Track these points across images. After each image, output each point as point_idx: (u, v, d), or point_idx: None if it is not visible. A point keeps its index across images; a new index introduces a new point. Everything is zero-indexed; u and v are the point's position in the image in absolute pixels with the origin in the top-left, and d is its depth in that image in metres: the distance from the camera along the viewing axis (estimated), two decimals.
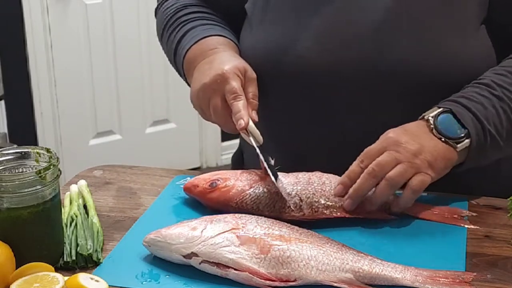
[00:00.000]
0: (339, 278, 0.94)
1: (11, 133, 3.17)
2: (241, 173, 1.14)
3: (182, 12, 1.33)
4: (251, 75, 1.18)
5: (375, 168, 1.07)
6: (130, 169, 1.31)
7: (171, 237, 0.99)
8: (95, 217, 1.09)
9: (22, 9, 3.05)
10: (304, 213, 1.08)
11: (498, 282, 0.96)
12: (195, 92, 1.19)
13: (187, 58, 1.26)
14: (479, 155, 1.13)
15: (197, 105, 1.20)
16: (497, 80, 1.15)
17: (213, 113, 1.17)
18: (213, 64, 1.19)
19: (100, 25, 3.24)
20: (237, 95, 1.14)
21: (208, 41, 1.25)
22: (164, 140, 3.54)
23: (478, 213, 1.14)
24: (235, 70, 1.16)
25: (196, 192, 1.14)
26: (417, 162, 1.07)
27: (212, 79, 1.16)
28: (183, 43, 1.28)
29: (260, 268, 0.94)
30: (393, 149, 1.08)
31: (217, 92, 1.16)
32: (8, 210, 0.96)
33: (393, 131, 1.10)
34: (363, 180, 1.07)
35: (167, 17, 1.34)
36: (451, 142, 1.10)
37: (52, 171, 0.98)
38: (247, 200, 1.10)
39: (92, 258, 1.00)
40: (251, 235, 0.98)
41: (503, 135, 1.13)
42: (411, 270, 0.96)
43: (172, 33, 1.32)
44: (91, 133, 3.39)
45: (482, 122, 1.12)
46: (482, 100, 1.13)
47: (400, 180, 1.07)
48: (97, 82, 3.30)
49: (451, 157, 1.11)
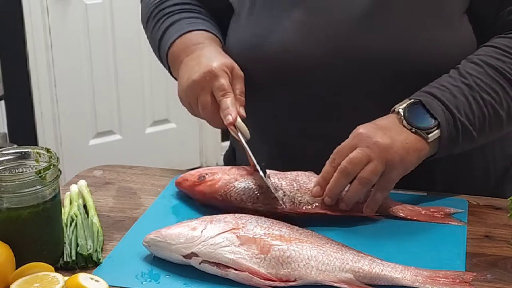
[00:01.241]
0: (339, 278, 0.94)
1: (11, 133, 3.17)
2: (230, 169, 1.17)
3: (166, 3, 1.33)
4: (238, 73, 1.20)
5: (347, 165, 1.07)
6: (130, 169, 1.31)
7: (171, 237, 0.99)
8: (95, 217, 1.09)
9: (22, 9, 3.04)
10: (286, 207, 1.09)
11: (498, 282, 0.96)
12: (183, 88, 1.20)
13: (171, 52, 1.27)
14: (450, 145, 1.13)
15: (185, 101, 1.21)
16: (469, 69, 1.15)
17: (202, 109, 1.18)
18: (200, 60, 1.20)
19: (100, 25, 3.24)
20: (225, 92, 1.16)
21: (192, 35, 1.26)
22: (164, 140, 3.54)
23: (478, 213, 1.14)
24: (223, 67, 1.17)
25: (185, 186, 1.17)
26: (388, 157, 1.07)
27: (201, 76, 1.17)
28: (167, 36, 1.29)
29: (260, 268, 0.94)
30: (364, 145, 1.07)
31: (206, 89, 1.17)
32: (8, 210, 0.96)
33: (364, 127, 1.10)
34: (336, 179, 1.08)
35: (152, 7, 1.34)
36: (422, 132, 1.10)
37: (52, 171, 0.98)
38: (232, 192, 1.12)
39: (92, 258, 1.00)
40: (251, 235, 0.98)
41: (476, 124, 1.13)
42: (411, 270, 0.96)
43: (157, 23, 1.32)
44: (91, 133, 3.39)
45: (452, 111, 1.12)
46: (453, 89, 1.13)
47: (372, 178, 1.07)
48: (97, 82, 3.30)
49: (422, 148, 1.11)
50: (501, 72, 1.15)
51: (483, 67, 1.15)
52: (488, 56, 1.16)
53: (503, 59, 1.16)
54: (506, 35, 1.19)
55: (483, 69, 1.15)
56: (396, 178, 1.09)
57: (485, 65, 1.15)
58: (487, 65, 1.15)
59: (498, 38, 1.19)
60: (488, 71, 1.15)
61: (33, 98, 3.17)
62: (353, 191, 1.08)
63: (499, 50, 1.17)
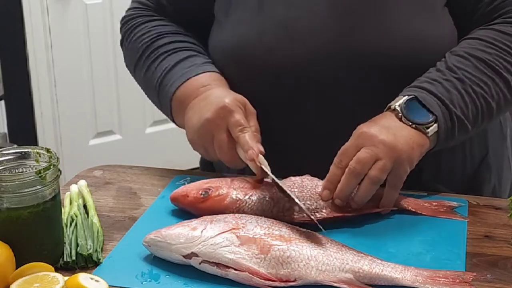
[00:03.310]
0: (339, 278, 0.94)
1: (11, 133, 3.17)
2: (232, 181, 1.12)
3: (160, 41, 1.27)
4: (251, 109, 1.16)
5: (356, 166, 1.07)
6: (130, 169, 1.31)
7: (171, 237, 0.99)
8: (95, 217, 1.09)
9: (22, 9, 3.04)
10: (303, 215, 1.08)
11: (498, 282, 0.96)
12: (195, 130, 1.15)
13: (176, 97, 1.21)
14: (447, 138, 1.14)
15: (198, 144, 1.16)
16: (456, 63, 1.16)
17: (218, 149, 1.13)
18: (209, 99, 1.15)
19: (100, 25, 3.23)
20: (243, 127, 1.11)
21: (198, 78, 1.21)
22: (164, 140, 3.54)
23: (478, 213, 1.14)
24: (236, 103, 1.13)
25: (186, 202, 1.12)
26: (395, 154, 1.08)
27: (215, 113, 1.12)
28: (169, 80, 1.23)
29: (260, 268, 0.94)
30: (369, 144, 1.08)
31: (221, 127, 1.12)
32: (8, 210, 0.96)
33: (365, 126, 1.10)
34: (346, 180, 1.08)
35: (143, 46, 1.28)
36: (421, 128, 1.11)
37: (52, 171, 0.98)
38: (244, 208, 1.08)
39: (92, 258, 1.00)
40: (251, 235, 0.98)
41: (469, 116, 1.14)
42: (411, 270, 0.96)
43: (152, 65, 1.26)
44: (91, 133, 3.39)
45: (447, 105, 1.12)
46: (445, 83, 1.14)
47: (381, 176, 1.07)
48: (97, 82, 3.30)
49: (424, 143, 1.11)
50: (489, 64, 1.16)
51: (470, 60, 1.16)
52: (474, 48, 1.17)
53: (488, 51, 1.17)
54: (487, 26, 1.20)
55: (471, 62, 1.16)
56: (404, 174, 1.09)
57: (472, 58, 1.16)
58: (474, 58, 1.16)
59: (480, 30, 1.20)
60: (476, 64, 1.16)
61: (33, 98, 3.17)
62: (364, 191, 1.08)
63: (483, 42, 1.18)
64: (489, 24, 1.20)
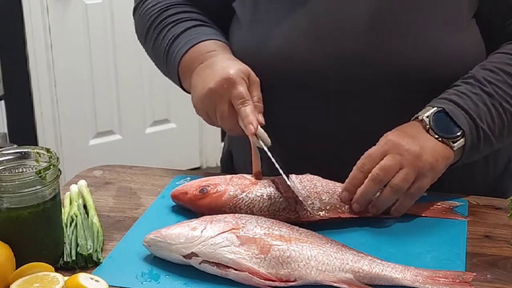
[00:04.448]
0: (339, 278, 0.94)
1: (11, 133, 3.17)
2: (231, 178, 1.13)
3: (168, 12, 1.30)
4: (254, 79, 1.17)
5: (380, 173, 1.07)
6: (130, 169, 1.31)
7: (171, 237, 0.99)
8: (95, 217, 1.09)
9: (22, 9, 3.04)
10: (299, 215, 1.08)
11: (498, 282, 0.96)
12: (199, 97, 1.17)
13: (183, 62, 1.23)
14: (472, 152, 1.14)
15: (202, 110, 1.18)
16: (487, 76, 1.15)
17: (220, 118, 1.16)
18: (214, 67, 1.17)
19: (100, 25, 3.24)
20: (244, 100, 1.13)
21: (204, 44, 1.23)
22: (164, 140, 3.54)
23: (478, 213, 1.14)
24: (240, 74, 1.15)
25: (185, 199, 1.13)
26: (419, 164, 1.07)
27: (218, 84, 1.14)
28: (176, 47, 1.25)
29: (260, 268, 0.94)
30: (395, 152, 1.07)
31: (223, 97, 1.14)
32: (8, 210, 0.96)
33: (392, 134, 1.10)
34: (368, 186, 1.07)
35: (151, 17, 1.31)
36: (448, 141, 1.11)
37: (52, 171, 0.98)
38: (241, 205, 1.09)
39: (92, 258, 1.00)
40: (251, 235, 0.98)
41: (495, 131, 1.14)
42: (411, 270, 0.96)
43: (161, 33, 1.29)
44: (91, 133, 3.39)
45: (475, 120, 1.12)
46: (473, 97, 1.14)
47: (404, 185, 1.07)
48: (97, 82, 3.30)
49: (449, 156, 1.11)
50: None
51: (500, 75, 1.15)
52: (504, 63, 1.17)
53: None
54: None
55: (501, 76, 1.15)
56: (426, 186, 1.09)
57: (502, 73, 1.16)
58: (504, 73, 1.16)
59: (509, 45, 1.20)
60: (506, 79, 1.15)
61: (33, 98, 3.17)
62: (385, 198, 1.08)
63: None
64: None
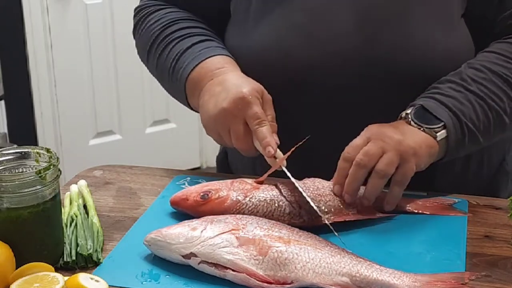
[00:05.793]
0: (336, 281, 0.93)
1: (11, 133, 3.17)
2: (232, 183, 1.12)
3: (172, 28, 1.27)
4: (267, 97, 1.16)
5: (363, 157, 1.07)
6: (130, 169, 1.31)
7: (171, 236, 0.99)
8: (95, 217, 1.09)
9: (22, 9, 3.04)
10: (304, 220, 1.08)
11: (498, 282, 0.96)
12: (211, 117, 1.15)
13: (190, 78, 1.21)
14: (457, 148, 1.14)
15: (213, 130, 1.16)
16: (472, 75, 1.16)
17: (235, 139, 1.13)
18: (226, 86, 1.15)
19: (100, 25, 3.23)
20: (261, 120, 1.12)
21: (212, 61, 1.21)
22: (164, 140, 3.54)
23: (478, 213, 1.14)
24: (254, 93, 1.13)
25: (186, 205, 1.11)
26: (401, 149, 1.08)
27: (232, 103, 1.12)
28: (183, 63, 1.23)
29: (258, 270, 0.94)
30: (377, 138, 1.09)
31: (238, 117, 1.12)
32: (8, 210, 0.96)
33: (375, 125, 1.12)
34: (353, 172, 1.08)
35: (154, 34, 1.28)
36: (430, 131, 1.12)
37: (52, 171, 0.98)
38: (245, 210, 1.08)
39: (92, 258, 1.00)
40: (251, 236, 0.97)
41: (480, 128, 1.15)
42: (409, 276, 0.94)
43: (165, 50, 1.26)
44: (91, 133, 3.39)
45: (458, 116, 1.13)
46: (456, 95, 1.14)
47: (389, 169, 1.08)
48: (97, 82, 3.30)
49: (433, 145, 1.12)
50: (505, 79, 1.16)
51: (486, 73, 1.16)
52: (491, 62, 1.17)
53: (505, 65, 1.17)
54: (506, 40, 1.20)
55: (487, 75, 1.16)
56: (410, 171, 1.09)
57: (488, 72, 1.16)
58: (490, 72, 1.16)
59: (498, 43, 1.20)
60: (492, 78, 1.16)
61: (33, 98, 3.17)
62: (372, 186, 1.08)
63: (501, 56, 1.18)
64: (508, 38, 1.20)
